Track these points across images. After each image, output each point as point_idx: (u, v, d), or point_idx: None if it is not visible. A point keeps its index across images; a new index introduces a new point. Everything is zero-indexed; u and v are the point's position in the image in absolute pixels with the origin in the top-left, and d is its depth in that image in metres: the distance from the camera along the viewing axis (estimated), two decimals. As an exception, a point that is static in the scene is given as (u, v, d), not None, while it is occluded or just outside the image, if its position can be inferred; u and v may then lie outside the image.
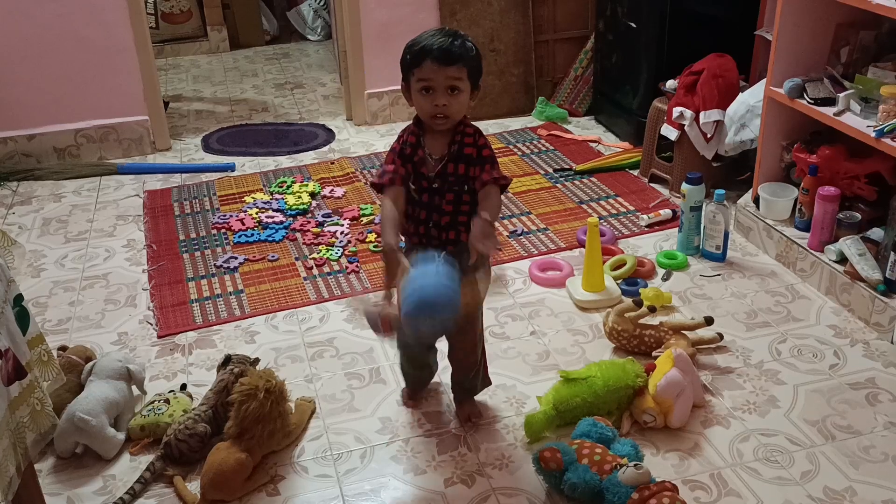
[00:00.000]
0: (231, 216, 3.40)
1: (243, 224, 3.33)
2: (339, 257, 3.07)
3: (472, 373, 2.22)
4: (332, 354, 2.54)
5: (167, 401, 2.25)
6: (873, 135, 2.47)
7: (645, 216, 3.23)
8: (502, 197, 1.98)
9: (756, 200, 3.02)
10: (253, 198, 3.55)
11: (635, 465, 1.90)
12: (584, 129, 4.19)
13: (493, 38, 4.23)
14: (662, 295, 2.67)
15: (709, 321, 2.47)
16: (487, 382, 2.28)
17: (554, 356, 2.49)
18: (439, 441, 2.17)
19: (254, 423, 2.03)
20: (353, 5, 4.12)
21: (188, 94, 5.03)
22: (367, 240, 3.16)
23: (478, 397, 2.29)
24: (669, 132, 3.35)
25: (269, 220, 3.34)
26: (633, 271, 2.85)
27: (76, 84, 3.92)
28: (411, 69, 1.92)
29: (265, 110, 4.71)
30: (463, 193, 1.98)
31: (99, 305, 2.85)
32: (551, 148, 3.95)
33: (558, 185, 3.56)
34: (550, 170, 3.71)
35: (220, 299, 2.85)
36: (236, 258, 3.09)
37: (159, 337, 2.66)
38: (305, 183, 3.65)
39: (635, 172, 3.64)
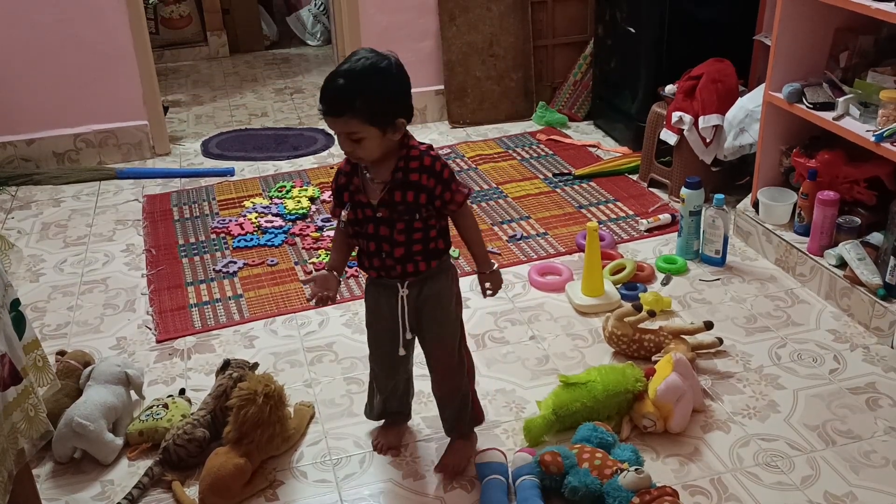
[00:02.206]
0: (230, 221, 3.40)
1: (242, 228, 3.33)
2: (339, 262, 3.06)
3: (455, 399, 2.04)
4: (331, 359, 2.54)
5: (166, 405, 2.25)
6: (872, 139, 2.47)
7: (644, 221, 3.22)
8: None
9: (755, 205, 3.01)
10: (252, 202, 3.55)
11: (636, 469, 1.90)
12: (584, 133, 4.19)
13: (493, 43, 4.24)
14: (662, 299, 2.67)
15: (708, 326, 2.46)
16: (478, 418, 2.15)
17: (553, 361, 2.48)
18: (438, 446, 2.16)
19: (253, 427, 2.03)
20: (353, 10, 4.12)
21: (187, 99, 5.03)
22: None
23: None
24: (669, 137, 3.35)
25: (269, 225, 3.34)
26: (633, 276, 2.85)
27: (76, 88, 3.92)
28: None
29: (265, 115, 4.71)
30: (414, 222, 1.81)
31: (98, 310, 2.84)
32: (551, 153, 3.94)
33: (558, 190, 3.56)
34: (550, 174, 3.71)
35: (220, 304, 2.84)
36: (235, 263, 3.08)
37: (158, 341, 2.66)
38: (305, 187, 3.65)
39: (634, 177, 3.64)
